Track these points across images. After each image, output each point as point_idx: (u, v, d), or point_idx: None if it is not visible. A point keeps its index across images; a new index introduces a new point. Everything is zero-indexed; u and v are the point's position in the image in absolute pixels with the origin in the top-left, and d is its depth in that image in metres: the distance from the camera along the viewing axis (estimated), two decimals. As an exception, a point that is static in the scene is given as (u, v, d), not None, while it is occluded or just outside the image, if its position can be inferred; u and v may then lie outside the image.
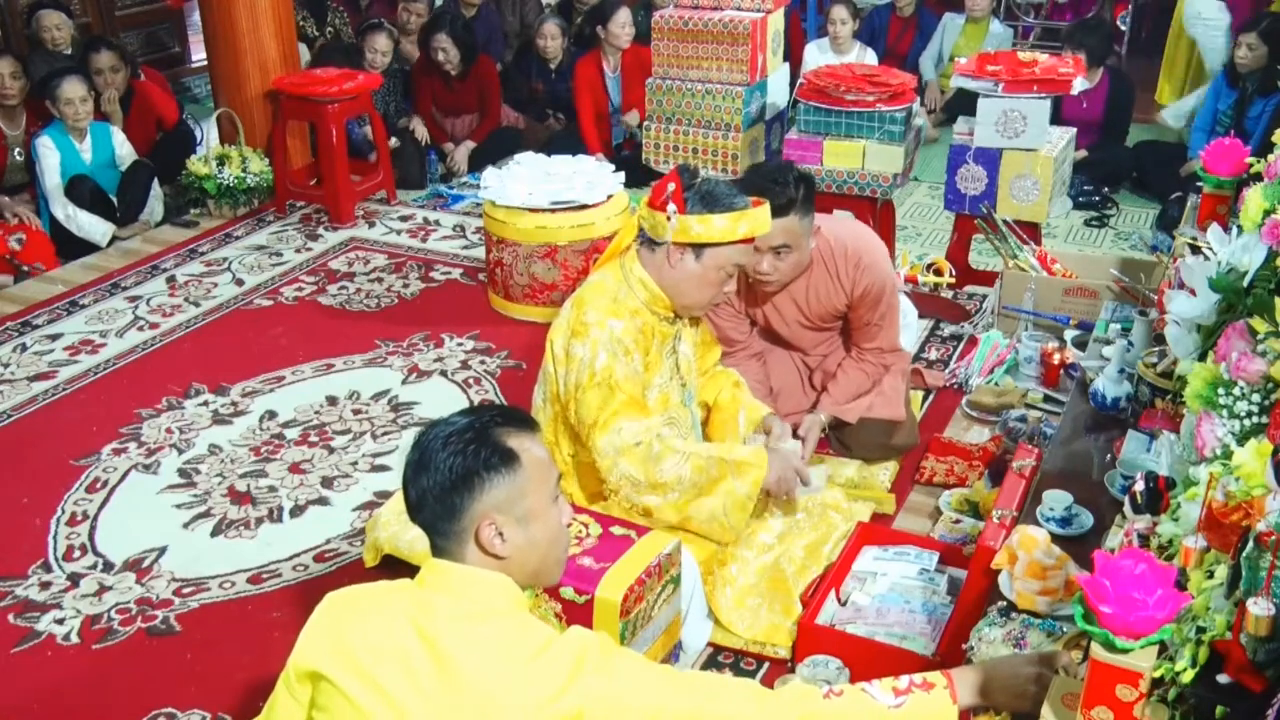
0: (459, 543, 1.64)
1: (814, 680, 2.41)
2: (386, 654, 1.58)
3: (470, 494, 1.62)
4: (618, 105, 6.10)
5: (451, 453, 1.62)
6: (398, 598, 1.65)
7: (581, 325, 2.55)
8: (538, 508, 1.67)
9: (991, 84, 4.16)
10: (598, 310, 2.56)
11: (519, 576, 1.68)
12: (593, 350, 2.53)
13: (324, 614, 1.67)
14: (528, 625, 1.64)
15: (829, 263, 3.10)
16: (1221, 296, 2.26)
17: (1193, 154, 5.42)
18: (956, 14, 6.89)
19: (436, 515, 1.64)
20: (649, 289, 2.61)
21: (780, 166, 2.98)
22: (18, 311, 4.56)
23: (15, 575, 3.01)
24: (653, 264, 2.60)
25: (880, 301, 3.16)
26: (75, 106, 5.03)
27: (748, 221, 2.55)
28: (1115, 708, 1.49)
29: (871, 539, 2.87)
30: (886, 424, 3.23)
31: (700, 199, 2.52)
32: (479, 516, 1.62)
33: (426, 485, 1.63)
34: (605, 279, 2.63)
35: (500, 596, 1.64)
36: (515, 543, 1.65)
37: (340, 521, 3.21)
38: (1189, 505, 1.86)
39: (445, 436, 1.64)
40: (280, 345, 4.26)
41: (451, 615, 1.60)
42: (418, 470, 1.65)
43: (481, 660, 1.56)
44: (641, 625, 2.39)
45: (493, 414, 1.70)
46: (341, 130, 5.39)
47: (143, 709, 2.56)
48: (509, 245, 4.33)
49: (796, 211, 2.87)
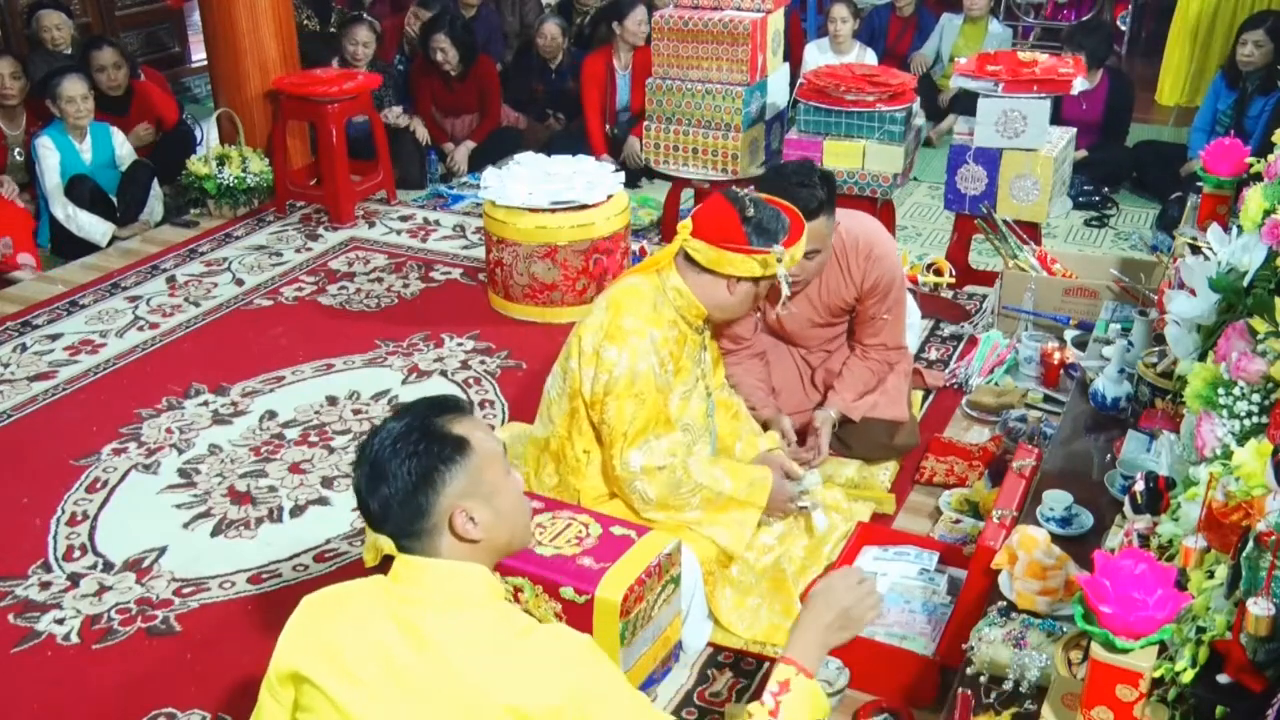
0: (431, 538, 1.64)
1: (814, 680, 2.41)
2: (367, 649, 1.59)
3: (434, 490, 1.62)
4: (625, 104, 6.10)
5: (405, 456, 1.62)
6: (374, 593, 1.66)
7: (619, 330, 2.53)
8: (497, 482, 1.69)
9: (991, 84, 4.16)
10: (637, 317, 2.54)
11: (494, 552, 1.70)
12: (631, 358, 2.51)
13: (302, 615, 1.69)
14: (508, 613, 1.66)
15: (840, 255, 3.10)
16: (1221, 296, 2.26)
17: (1193, 154, 5.41)
18: (954, 14, 6.89)
19: (404, 520, 1.64)
20: (684, 296, 2.60)
21: (802, 168, 2.95)
22: (18, 311, 4.57)
23: (15, 575, 3.01)
24: (694, 280, 2.59)
25: (889, 295, 3.16)
26: (77, 104, 5.03)
27: (793, 252, 2.57)
28: (1115, 708, 1.49)
29: (871, 539, 2.87)
30: (888, 424, 3.23)
31: (757, 232, 2.52)
32: (447, 509, 1.63)
33: (388, 494, 1.63)
34: (640, 284, 2.61)
35: (477, 585, 1.65)
36: (486, 522, 1.66)
37: (340, 521, 3.21)
38: (1189, 505, 1.86)
39: (392, 443, 1.63)
40: (280, 345, 4.26)
41: (431, 607, 1.61)
42: (373, 482, 1.64)
43: (465, 647, 1.57)
44: (641, 625, 2.39)
45: (426, 409, 1.69)
46: (341, 130, 5.39)
47: (143, 709, 2.56)
48: (509, 245, 4.33)
49: (824, 213, 2.87)
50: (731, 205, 2.54)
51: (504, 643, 1.59)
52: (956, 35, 6.82)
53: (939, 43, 6.90)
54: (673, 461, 2.57)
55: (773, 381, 3.30)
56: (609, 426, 2.56)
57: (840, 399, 3.19)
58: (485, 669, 1.56)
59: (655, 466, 2.55)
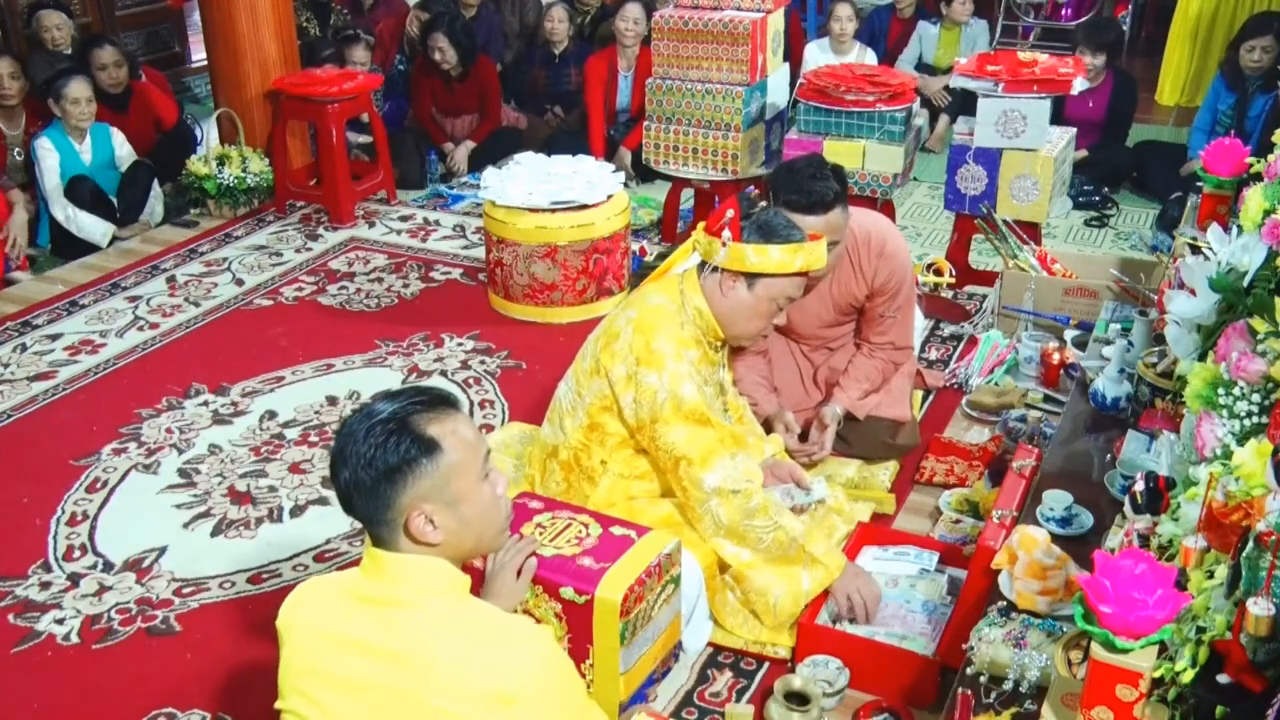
0: (392, 531, 1.65)
1: (814, 680, 2.41)
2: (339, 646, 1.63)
3: (394, 487, 1.61)
4: (625, 105, 6.10)
5: (372, 445, 1.61)
6: (347, 587, 1.69)
7: (652, 354, 2.50)
8: (466, 489, 1.67)
9: (991, 84, 4.16)
10: (670, 341, 2.52)
11: (455, 555, 1.70)
12: (673, 382, 2.49)
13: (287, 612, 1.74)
14: (470, 604, 1.68)
15: (851, 251, 3.10)
16: (1221, 296, 2.26)
17: (1193, 154, 5.41)
18: (929, 21, 6.90)
19: (368, 508, 1.64)
20: (704, 316, 2.58)
21: (813, 162, 2.94)
22: (18, 311, 4.57)
23: (15, 575, 3.01)
24: (708, 290, 2.58)
25: (899, 294, 3.15)
26: (81, 106, 5.03)
27: (804, 255, 2.53)
28: (1115, 708, 1.49)
29: (871, 539, 2.87)
30: (890, 424, 3.23)
31: (757, 229, 2.51)
32: (407, 507, 1.63)
33: (350, 479, 1.63)
34: (665, 304, 2.59)
35: (438, 579, 1.65)
36: (448, 527, 1.65)
37: (340, 521, 3.21)
38: (1189, 505, 1.86)
39: (367, 428, 1.62)
40: (280, 345, 4.26)
41: (395, 602, 1.62)
42: (338, 463, 1.64)
43: (426, 637, 1.59)
44: (641, 625, 2.39)
45: (413, 399, 1.67)
46: (341, 130, 5.39)
47: (143, 709, 2.56)
48: (509, 245, 4.33)
49: (840, 204, 2.88)
50: (738, 201, 2.55)
51: (464, 631, 1.60)
52: (936, 42, 6.87)
53: (919, 50, 6.93)
54: (749, 487, 2.50)
55: (774, 380, 3.30)
56: (665, 452, 2.52)
57: (846, 395, 3.18)
58: (446, 656, 1.57)
59: (730, 490, 2.49)
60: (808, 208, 2.82)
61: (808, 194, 2.81)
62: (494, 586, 2.06)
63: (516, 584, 2.09)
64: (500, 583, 2.06)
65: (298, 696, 1.66)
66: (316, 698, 1.64)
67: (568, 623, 2.33)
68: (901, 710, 2.41)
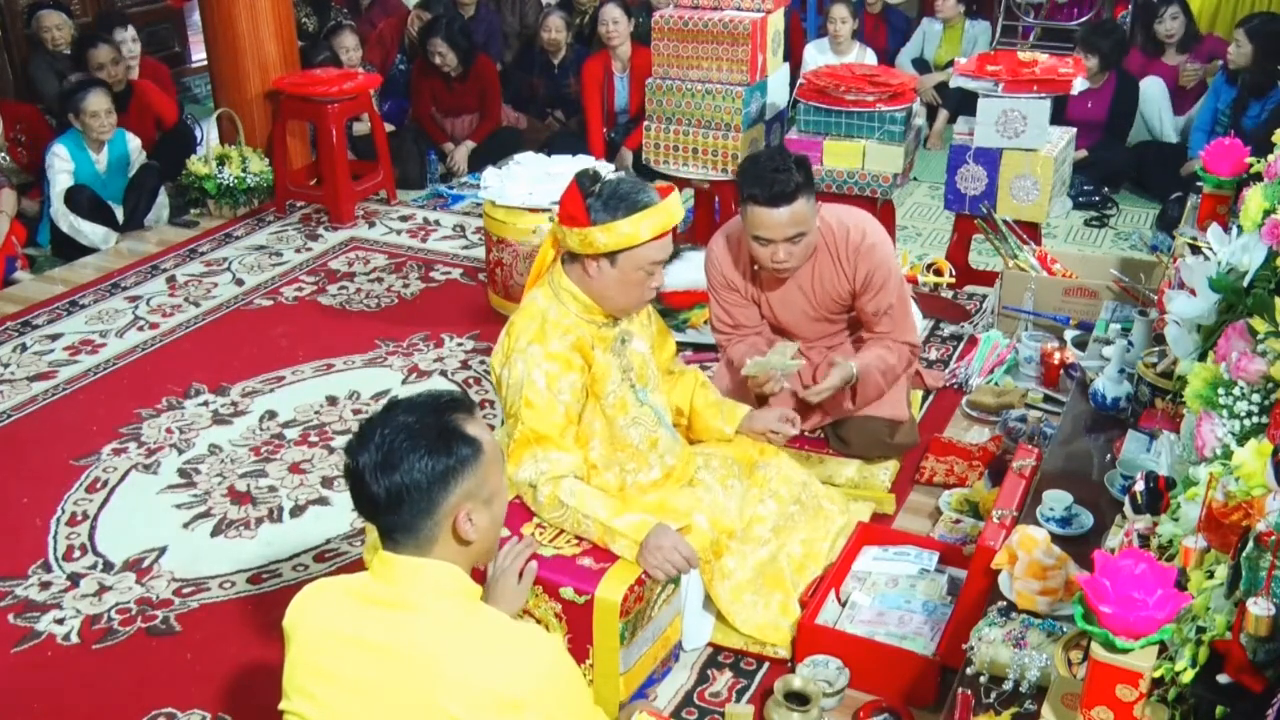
0: (427, 534, 1.65)
1: (814, 680, 2.41)
2: (343, 647, 1.64)
3: (447, 489, 1.64)
4: (624, 106, 6.09)
5: (425, 451, 1.62)
6: (354, 590, 1.69)
7: (516, 350, 2.50)
8: (497, 486, 1.72)
9: (991, 84, 4.16)
10: (526, 335, 2.51)
11: (477, 557, 1.73)
12: (526, 365, 2.47)
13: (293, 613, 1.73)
14: (479, 610, 1.68)
15: (831, 246, 3.08)
16: (1221, 296, 2.26)
17: (1193, 154, 5.41)
18: (933, 19, 6.93)
19: (413, 513, 1.64)
20: (579, 299, 2.55)
21: (775, 153, 2.92)
22: (18, 311, 4.57)
23: (15, 575, 3.01)
24: (576, 274, 2.55)
25: (885, 286, 3.10)
26: (100, 119, 5.01)
27: (652, 219, 2.46)
28: (1115, 708, 1.49)
29: (871, 539, 2.87)
30: (888, 423, 3.22)
31: (604, 205, 2.45)
32: (454, 508, 1.65)
33: (402, 484, 1.62)
34: (536, 299, 2.58)
35: (449, 584, 1.67)
36: (482, 525, 1.68)
37: (340, 521, 3.21)
38: (1189, 505, 1.86)
39: (411, 435, 1.63)
40: (280, 345, 4.26)
41: (401, 603, 1.63)
42: (384, 470, 1.63)
43: (435, 640, 1.59)
44: (641, 625, 2.39)
45: (444, 403, 1.69)
46: (341, 130, 5.39)
47: (143, 709, 2.56)
48: (509, 245, 4.33)
49: (803, 194, 2.86)
50: (576, 184, 2.48)
51: (476, 636, 1.61)
52: (939, 40, 6.87)
53: (921, 47, 6.93)
54: (542, 479, 2.45)
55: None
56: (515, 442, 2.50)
57: (860, 358, 3.09)
58: (461, 661, 1.57)
59: (528, 483, 2.47)
60: (771, 200, 2.83)
61: (770, 186, 2.80)
62: (496, 591, 2.05)
63: (519, 587, 2.08)
64: (503, 587, 2.06)
65: (302, 697, 1.66)
66: (322, 698, 1.64)
67: (568, 623, 2.34)
68: (901, 710, 2.41)
